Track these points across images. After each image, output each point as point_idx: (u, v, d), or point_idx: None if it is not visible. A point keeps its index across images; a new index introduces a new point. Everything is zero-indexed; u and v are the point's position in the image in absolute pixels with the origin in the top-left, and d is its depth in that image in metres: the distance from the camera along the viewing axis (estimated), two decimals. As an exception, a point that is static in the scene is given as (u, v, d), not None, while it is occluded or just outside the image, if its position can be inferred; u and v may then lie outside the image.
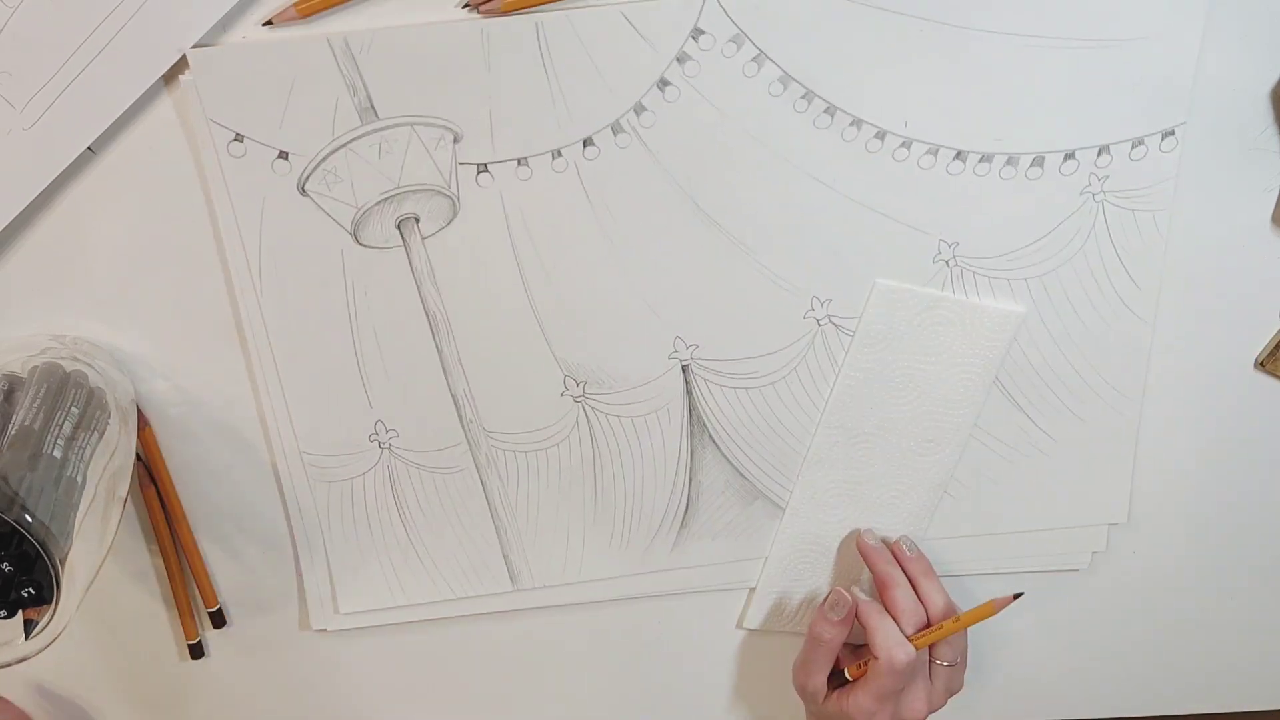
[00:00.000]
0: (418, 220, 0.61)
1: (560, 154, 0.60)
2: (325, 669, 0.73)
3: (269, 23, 0.56)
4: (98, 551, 0.58)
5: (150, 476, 0.67)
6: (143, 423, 0.65)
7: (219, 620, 0.71)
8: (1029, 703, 0.76)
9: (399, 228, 0.61)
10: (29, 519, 0.52)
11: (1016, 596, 0.66)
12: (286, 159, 0.59)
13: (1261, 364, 0.67)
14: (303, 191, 0.60)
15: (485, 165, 0.60)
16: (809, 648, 0.68)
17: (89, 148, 0.58)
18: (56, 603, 0.54)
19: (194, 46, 0.56)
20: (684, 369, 0.65)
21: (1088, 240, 0.63)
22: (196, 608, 0.71)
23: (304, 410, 0.65)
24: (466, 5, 0.57)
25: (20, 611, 0.54)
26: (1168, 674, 0.76)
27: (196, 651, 0.72)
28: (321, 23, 0.57)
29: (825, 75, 0.59)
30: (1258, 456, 0.70)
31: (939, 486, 0.69)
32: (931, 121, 0.60)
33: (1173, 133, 0.60)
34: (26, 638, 0.55)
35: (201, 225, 0.61)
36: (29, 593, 0.53)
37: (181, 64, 0.57)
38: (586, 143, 0.60)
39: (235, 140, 0.58)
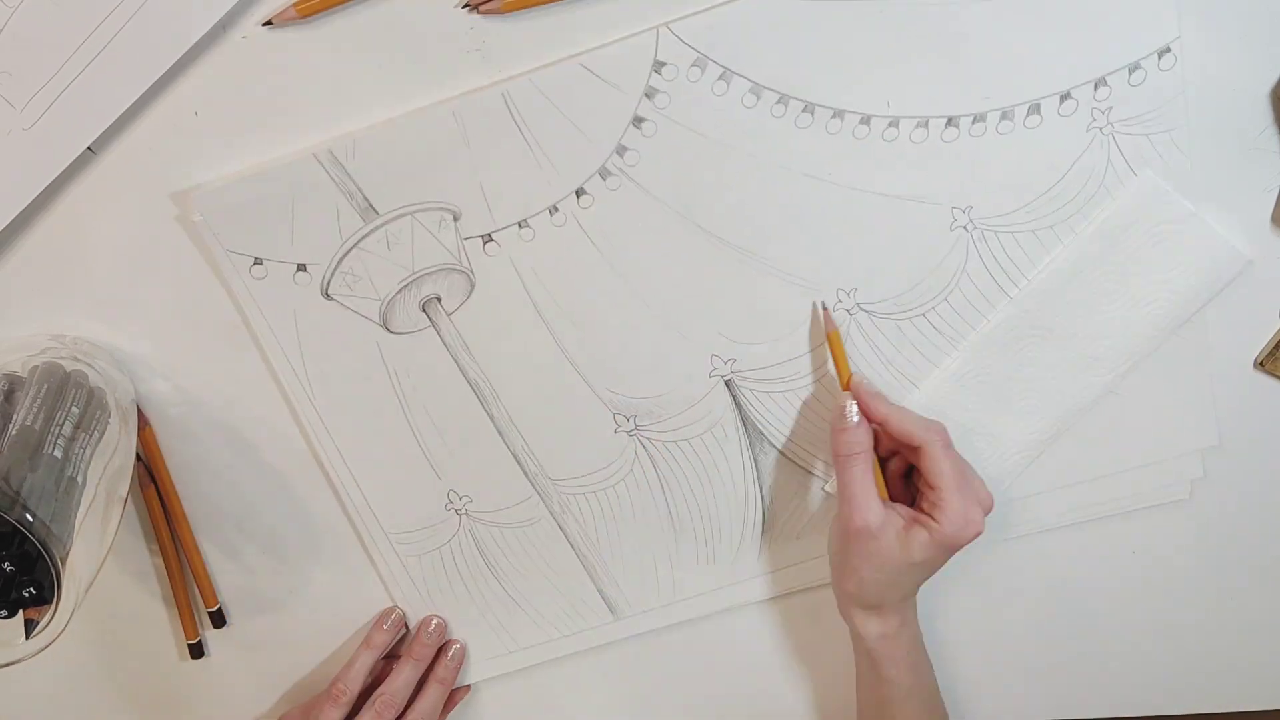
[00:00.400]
0: (440, 299, 0.63)
1: (557, 209, 0.61)
2: (324, 668, 0.74)
3: (269, 22, 0.57)
4: (98, 551, 0.57)
5: (150, 476, 0.67)
6: (143, 423, 0.65)
7: (219, 620, 0.71)
8: (1029, 702, 0.75)
9: (424, 310, 0.63)
10: (30, 519, 0.52)
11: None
12: (305, 270, 0.62)
13: (1261, 364, 0.65)
14: (327, 296, 0.63)
15: (489, 235, 0.62)
16: (845, 478, 0.60)
17: (89, 148, 0.58)
18: (57, 603, 0.53)
19: (192, 187, 0.60)
20: (727, 384, 0.66)
21: (1106, 175, 0.61)
22: (196, 608, 0.71)
23: (380, 495, 0.68)
24: (466, 5, 0.58)
25: (21, 611, 0.54)
26: (1168, 674, 0.74)
27: (196, 651, 0.71)
28: (305, 133, 0.60)
29: (794, 76, 0.58)
30: (1258, 456, 0.68)
31: (1074, 412, 0.66)
32: (914, 96, 0.59)
33: (1168, 49, 0.58)
34: (27, 637, 0.54)
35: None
36: (30, 592, 0.53)
37: (191, 204, 0.60)
38: (579, 193, 0.61)
39: (255, 264, 0.62)
